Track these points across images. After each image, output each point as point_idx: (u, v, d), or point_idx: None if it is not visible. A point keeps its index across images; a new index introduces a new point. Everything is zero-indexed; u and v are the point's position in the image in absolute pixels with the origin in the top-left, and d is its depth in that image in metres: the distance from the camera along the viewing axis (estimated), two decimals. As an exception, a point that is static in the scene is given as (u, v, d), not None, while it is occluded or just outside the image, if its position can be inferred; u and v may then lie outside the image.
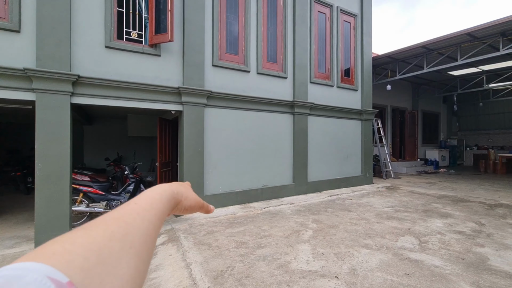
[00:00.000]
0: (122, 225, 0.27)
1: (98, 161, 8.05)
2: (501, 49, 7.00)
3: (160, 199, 0.35)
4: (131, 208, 0.30)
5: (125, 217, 0.28)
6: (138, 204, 0.32)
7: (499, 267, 2.79)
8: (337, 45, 7.43)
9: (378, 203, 5.75)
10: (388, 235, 3.74)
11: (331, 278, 2.58)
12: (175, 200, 0.39)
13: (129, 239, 0.26)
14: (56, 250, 0.21)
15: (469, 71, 10.56)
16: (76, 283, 0.19)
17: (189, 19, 4.94)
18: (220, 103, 5.34)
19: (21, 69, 3.54)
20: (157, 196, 0.35)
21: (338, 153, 7.45)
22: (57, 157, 3.77)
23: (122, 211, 0.29)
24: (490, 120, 15.06)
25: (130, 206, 0.31)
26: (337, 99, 7.39)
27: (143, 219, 0.29)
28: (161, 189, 0.38)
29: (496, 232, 3.88)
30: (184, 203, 0.42)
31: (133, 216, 0.29)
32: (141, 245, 0.27)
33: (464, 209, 5.22)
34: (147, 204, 0.32)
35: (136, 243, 0.26)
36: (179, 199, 0.40)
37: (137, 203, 0.32)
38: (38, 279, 0.17)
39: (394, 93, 11.88)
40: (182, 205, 0.41)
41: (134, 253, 0.26)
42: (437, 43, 7.85)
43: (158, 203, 0.34)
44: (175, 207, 0.40)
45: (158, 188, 0.38)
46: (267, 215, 4.79)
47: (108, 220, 0.27)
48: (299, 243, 3.48)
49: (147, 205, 0.32)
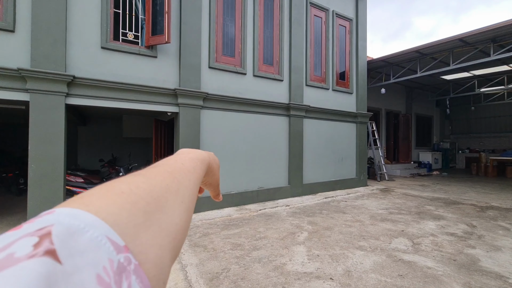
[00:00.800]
0: (175, 181, 0.27)
1: (92, 162, 7.97)
2: (492, 54, 7.17)
3: (200, 166, 0.36)
4: (179, 168, 0.31)
5: (176, 174, 0.29)
6: (185, 165, 0.32)
7: (490, 268, 2.85)
8: (333, 49, 7.52)
9: (372, 205, 5.81)
10: (382, 237, 3.78)
11: (326, 280, 2.60)
12: (206, 171, 0.39)
13: (180, 193, 0.27)
14: (124, 190, 0.21)
15: (461, 75, 10.78)
16: (138, 224, 0.20)
17: (185, 21, 4.95)
18: (217, 105, 5.35)
19: (15, 69, 3.51)
20: (198, 163, 0.36)
21: (333, 155, 7.52)
22: (51, 158, 3.73)
23: (173, 168, 0.30)
24: (481, 124, 15.36)
25: (177, 165, 0.31)
26: (332, 102, 7.47)
27: (189, 180, 0.30)
28: (202, 156, 0.38)
29: (487, 233, 3.95)
30: (208, 178, 0.42)
31: (182, 175, 0.30)
32: (189, 201, 0.28)
33: (456, 211, 5.31)
34: (191, 166, 0.33)
35: (186, 199, 0.28)
36: (207, 172, 0.40)
37: (183, 163, 0.32)
38: (98, 239, 0.16)
39: (388, 97, 12.04)
40: (206, 179, 0.42)
41: (185, 208, 0.27)
42: (430, 48, 8.00)
43: (198, 169, 0.35)
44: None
45: (199, 154, 0.38)
46: (263, 217, 4.80)
47: (163, 172, 0.28)
48: (295, 245, 3.50)
49: (191, 168, 0.33)
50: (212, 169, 0.42)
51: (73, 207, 0.18)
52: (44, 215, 0.17)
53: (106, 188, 0.21)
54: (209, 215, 4.91)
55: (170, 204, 0.25)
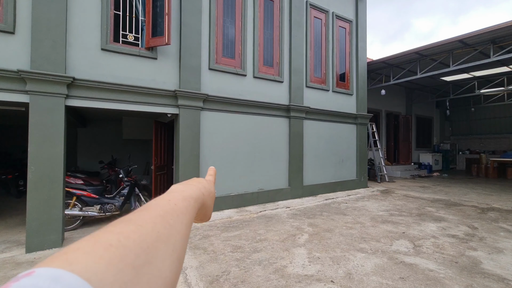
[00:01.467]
0: (167, 226, 0.26)
1: (92, 164, 7.95)
2: (491, 56, 7.17)
3: (194, 205, 0.35)
4: (172, 209, 0.29)
5: (169, 218, 0.28)
6: (178, 205, 0.31)
7: (492, 270, 2.83)
8: (333, 50, 7.52)
9: (373, 207, 5.79)
10: (383, 239, 3.76)
11: (327, 283, 2.59)
12: (200, 208, 0.38)
13: (172, 241, 0.26)
14: (112, 242, 0.20)
15: (461, 77, 10.79)
16: (126, 281, 0.19)
17: (186, 22, 4.95)
18: (217, 107, 5.35)
19: (15, 71, 3.50)
20: (192, 202, 0.35)
21: (334, 157, 7.50)
22: (50, 160, 3.71)
23: (165, 210, 0.29)
24: (481, 125, 15.35)
25: (170, 206, 0.30)
26: (332, 104, 7.46)
27: (181, 222, 0.29)
28: (196, 194, 0.37)
29: (488, 235, 3.93)
30: (200, 214, 0.40)
31: (174, 218, 0.28)
32: (181, 249, 0.27)
33: (457, 212, 5.29)
34: (184, 206, 0.32)
35: (177, 247, 0.26)
36: (201, 208, 0.39)
37: (176, 204, 0.31)
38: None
39: (388, 98, 12.05)
40: (198, 215, 0.40)
41: (176, 257, 0.26)
42: (430, 49, 8.00)
43: (191, 209, 0.33)
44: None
45: (193, 191, 0.37)
46: (263, 219, 4.78)
47: (155, 217, 0.26)
48: (295, 247, 3.48)
49: (184, 208, 0.31)
50: (205, 206, 0.40)
51: (56, 266, 0.16)
52: (22, 277, 0.15)
53: (94, 240, 0.20)
54: (209, 217, 4.89)
55: (160, 254, 0.23)
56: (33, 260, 3.31)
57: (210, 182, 0.46)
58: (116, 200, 5.01)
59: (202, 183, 0.42)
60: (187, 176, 4.90)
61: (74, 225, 4.56)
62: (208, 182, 0.45)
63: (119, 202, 5.01)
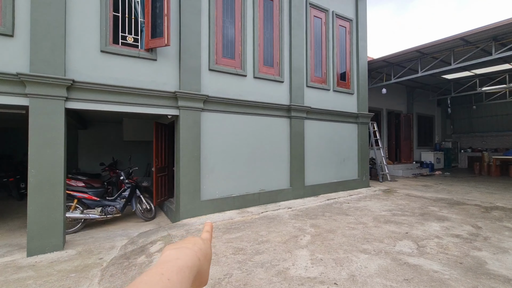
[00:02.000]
0: None
1: (93, 166, 7.95)
2: (493, 53, 7.11)
3: (189, 276, 0.32)
4: (165, 287, 0.27)
5: None
6: (171, 280, 0.29)
7: (497, 271, 2.79)
8: (333, 49, 7.49)
9: (375, 206, 5.75)
10: (386, 240, 3.73)
11: (330, 285, 2.56)
12: (196, 275, 0.35)
13: None
14: None
15: (463, 74, 10.73)
16: None
17: (185, 23, 4.93)
18: (217, 108, 5.32)
19: (14, 74, 3.49)
20: (187, 272, 0.32)
21: (335, 156, 7.47)
22: (51, 162, 3.70)
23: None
24: (483, 122, 15.27)
25: (163, 282, 0.27)
26: (333, 103, 7.43)
27: None
28: (192, 261, 0.34)
29: (493, 235, 3.89)
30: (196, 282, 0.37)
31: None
32: None
33: (460, 212, 5.24)
34: (178, 281, 0.29)
35: None
36: (196, 275, 0.36)
37: (170, 279, 0.29)
38: None
39: (389, 97, 12.00)
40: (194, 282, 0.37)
41: None
42: (431, 48, 7.96)
43: (186, 281, 0.31)
44: None
45: (189, 258, 0.34)
46: (265, 220, 4.75)
47: None
48: (297, 248, 3.45)
49: (178, 283, 0.29)
50: (202, 272, 0.37)
51: None
52: None
53: None
54: (210, 219, 4.87)
55: None
56: (34, 264, 3.30)
57: (207, 241, 0.43)
58: (117, 202, 5.00)
59: (197, 244, 0.39)
60: (188, 177, 4.88)
61: (75, 228, 4.55)
62: (204, 241, 0.42)
63: (120, 204, 5.00)
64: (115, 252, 3.68)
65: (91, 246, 3.87)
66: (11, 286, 2.75)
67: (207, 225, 0.48)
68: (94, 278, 2.95)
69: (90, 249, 3.78)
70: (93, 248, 3.81)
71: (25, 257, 3.49)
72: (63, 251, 3.68)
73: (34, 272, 3.08)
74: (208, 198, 5.17)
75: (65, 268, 3.16)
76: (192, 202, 4.92)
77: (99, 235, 4.44)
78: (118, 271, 3.07)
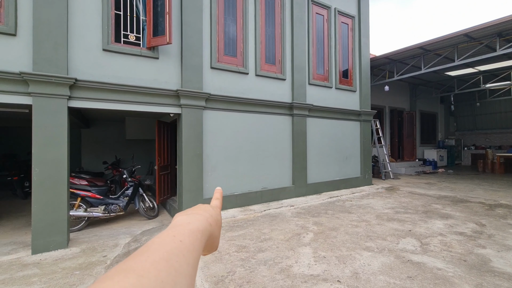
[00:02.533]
0: (171, 272, 0.24)
1: (96, 165, 7.99)
2: (497, 49, 7.04)
3: (201, 239, 0.32)
4: (177, 248, 0.27)
5: (174, 261, 0.25)
6: (184, 242, 0.29)
7: (502, 268, 2.78)
8: (335, 47, 7.44)
9: (378, 204, 5.74)
10: (389, 237, 3.72)
11: (334, 282, 2.56)
12: (207, 240, 0.35)
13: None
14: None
15: (466, 71, 10.63)
16: None
17: (187, 21, 4.92)
18: (219, 106, 5.32)
19: (18, 73, 3.50)
20: (199, 235, 0.32)
21: (337, 154, 7.45)
22: (54, 161, 3.72)
23: (169, 250, 0.26)
24: (487, 120, 15.14)
25: (175, 243, 0.28)
26: (335, 101, 7.39)
27: (188, 263, 0.26)
28: (203, 226, 0.34)
29: (497, 232, 3.87)
30: (207, 247, 0.38)
31: (180, 260, 0.26)
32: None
33: (464, 209, 5.22)
34: (191, 243, 0.29)
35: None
36: (208, 240, 0.36)
37: (182, 240, 0.29)
38: None
39: (392, 94, 11.92)
40: (205, 247, 0.37)
41: None
42: (435, 44, 7.89)
43: (198, 244, 0.31)
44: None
45: (200, 223, 0.34)
46: (267, 218, 4.75)
47: (158, 262, 0.24)
48: (300, 246, 3.45)
49: (190, 245, 0.29)
50: (213, 237, 0.37)
51: None
52: None
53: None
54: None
55: None
56: (39, 261, 3.33)
57: (217, 208, 0.43)
58: (120, 201, 5.03)
59: (208, 211, 0.39)
60: (190, 175, 4.89)
61: (79, 226, 4.58)
62: (214, 208, 0.42)
63: (124, 203, 5.03)
64: (119, 250, 3.71)
65: (95, 244, 3.90)
66: (16, 284, 2.77)
67: (217, 192, 0.48)
68: (98, 275, 2.97)
69: (94, 247, 3.80)
70: (97, 246, 3.84)
71: (30, 255, 3.52)
72: (67, 249, 3.71)
73: (39, 269, 3.10)
74: (211, 196, 5.17)
75: (69, 266, 3.19)
76: (195, 200, 4.93)
77: (103, 233, 4.47)
78: (122, 268, 3.08)
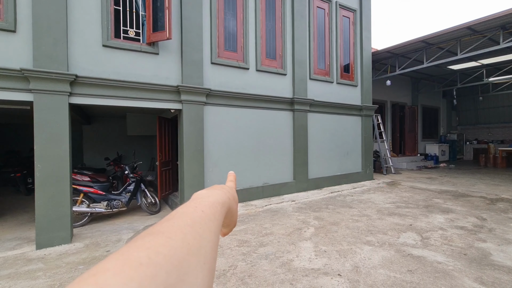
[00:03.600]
0: (196, 236, 0.25)
1: (98, 161, 8.03)
2: (501, 42, 6.95)
3: (221, 210, 0.33)
4: (200, 217, 0.28)
5: (197, 227, 0.26)
6: (205, 212, 0.30)
7: (502, 262, 2.79)
8: (336, 41, 7.37)
9: (379, 199, 5.75)
10: (390, 232, 3.74)
11: (334, 276, 2.58)
12: (226, 214, 0.37)
13: (202, 253, 0.24)
14: (142, 260, 0.19)
15: (469, 65, 10.52)
16: None
17: (186, 16, 4.88)
18: (220, 101, 5.31)
19: (18, 70, 3.50)
20: (219, 207, 0.33)
21: (339, 149, 7.44)
22: (57, 157, 3.74)
23: (193, 218, 0.27)
24: (489, 114, 15.04)
25: (197, 213, 0.29)
26: (337, 95, 7.36)
27: (210, 230, 0.28)
28: (222, 199, 0.36)
29: (498, 226, 3.88)
30: (227, 220, 0.39)
31: (203, 226, 0.27)
32: (212, 259, 0.26)
33: (465, 204, 5.22)
34: (212, 213, 0.31)
35: (208, 258, 0.25)
36: (227, 214, 0.37)
37: (204, 211, 0.30)
38: None
39: (393, 88, 11.84)
40: (224, 221, 0.39)
41: (208, 269, 0.24)
42: (437, 38, 7.79)
43: (219, 215, 0.32)
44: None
45: (219, 196, 0.36)
46: (268, 213, 4.78)
47: (184, 227, 0.25)
48: (301, 240, 3.48)
49: (211, 215, 0.30)
50: (232, 211, 0.39)
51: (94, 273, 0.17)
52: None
53: (123, 259, 0.19)
54: (215, 212, 4.91)
55: (192, 269, 0.22)
56: (43, 256, 3.37)
57: (232, 188, 0.45)
58: (122, 196, 5.07)
59: (225, 188, 0.41)
60: (191, 171, 4.91)
61: (82, 222, 4.63)
62: (230, 187, 0.44)
63: (126, 198, 5.07)
64: (122, 244, 3.75)
65: (98, 239, 3.94)
66: (22, 278, 2.82)
67: (231, 175, 0.51)
68: (101, 270, 3.01)
69: (97, 242, 3.85)
70: (100, 241, 3.88)
71: (34, 250, 3.57)
72: (71, 244, 3.76)
73: (44, 264, 3.15)
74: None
75: (73, 261, 3.23)
76: (196, 195, 4.95)
77: (106, 228, 4.52)
78: (125, 263, 3.12)
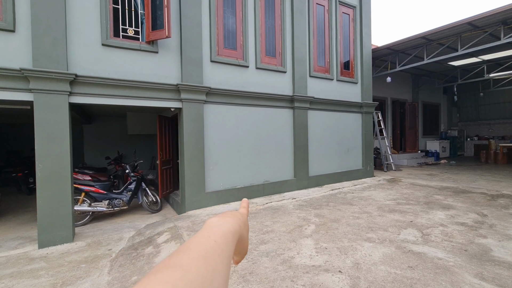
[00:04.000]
0: (210, 269, 0.26)
1: (98, 160, 8.05)
2: (502, 38, 6.92)
3: (232, 240, 0.34)
4: (213, 248, 0.29)
5: (210, 259, 0.27)
6: (218, 242, 0.31)
7: (502, 258, 2.80)
8: (336, 38, 7.34)
9: (379, 196, 5.75)
10: (391, 228, 3.75)
11: (335, 273, 2.59)
12: (237, 242, 0.38)
13: (216, 285, 0.25)
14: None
15: (470, 61, 10.47)
16: None
17: (185, 14, 4.87)
18: (220, 99, 5.30)
19: (18, 70, 3.50)
20: (230, 236, 0.34)
21: (339, 146, 7.44)
22: (57, 157, 3.76)
23: (206, 250, 0.28)
24: (490, 110, 14.99)
25: (210, 244, 0.30)
26: (337, 93, 7.34)
27: (222, 262, 0.29)
28: (234, 228, 0.37)
29: (498, 222, 3.88)
30: (238, 248, 0.40)
31: (215, 258, 0.28)
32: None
33: (466, 200, 5.22)
34: (224, 243, 0.32)
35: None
36: (237, 243, 0.38)
37: (216, 241, 0.31)
38: None
39: (394, 85, 11.81)
40: (235, 250, 0.39)
41: None
42: (437, 33, 7.76)
43: (230, 245, 0.33)
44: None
45: (231, 225, 0.37)
46: (269, 211, 4.79)
47: (198, 259, 0.26)
48: (302, 238, 3.49)
49: (224, 245, 0.31)
50: (243, 239, 0.40)
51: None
52: None
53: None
54: (216, 210, 4.93)
55: None
56: (45, 255, 3.39)
57: (244, 215, 0.46)
58: (123, 195, 5.09)
59: (236, 215, 0.42)
60: (192, 169, 4.92)
61: (84, 221, 4.66)
62: (241, 214, 0.45)
63: (127, 197, 5.08)
64: (123, 243, 3.77)
65: (100, 238, 3.96)
66: (24, 277, 2.84)
67: (244, 202, 0.52)
68: (103, 268, 3.03)
69: (99, 240, 3.87)
70: (102, 239, 3.90)
71: (37, 249, 3.59)
72: (73, 243, 3.78)
73: (46, 263, 3.17)
74: (213, 190, 5.22)
75: (75, 259, 3.25)
76: (197, 194, 4.98)
77: (107, 227, 4.54)
78: (127, 261, 3.15)
